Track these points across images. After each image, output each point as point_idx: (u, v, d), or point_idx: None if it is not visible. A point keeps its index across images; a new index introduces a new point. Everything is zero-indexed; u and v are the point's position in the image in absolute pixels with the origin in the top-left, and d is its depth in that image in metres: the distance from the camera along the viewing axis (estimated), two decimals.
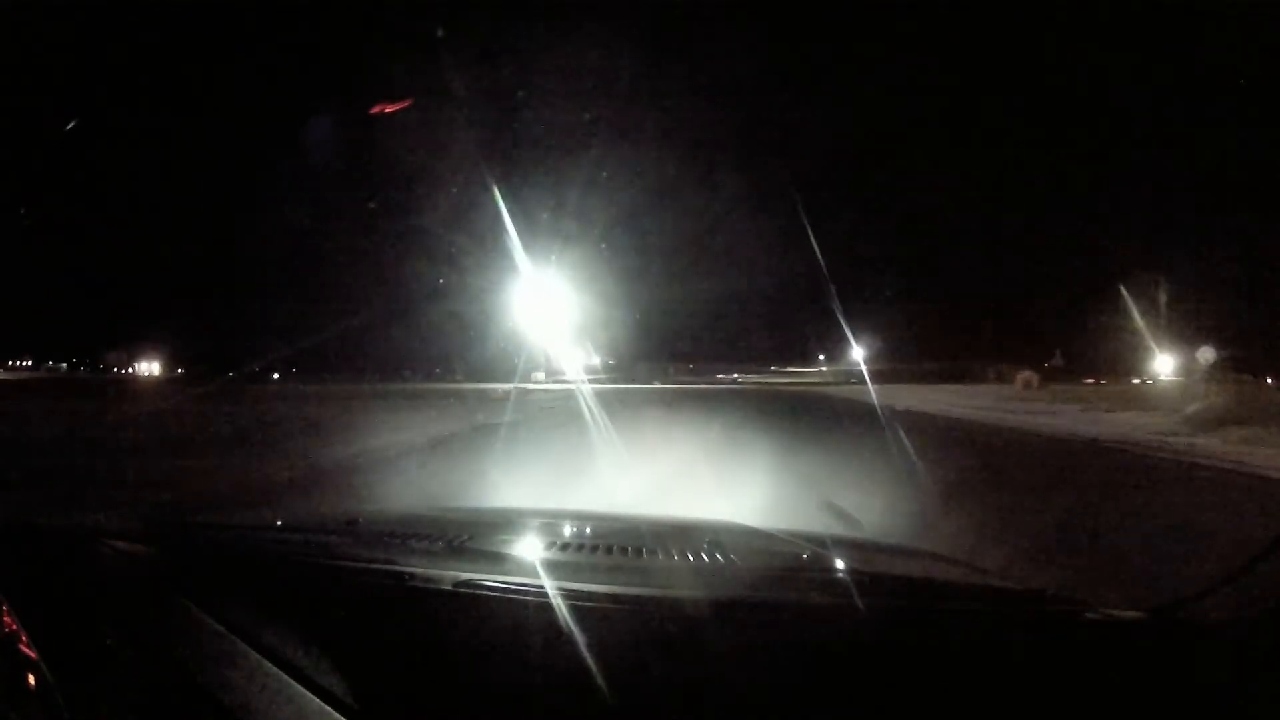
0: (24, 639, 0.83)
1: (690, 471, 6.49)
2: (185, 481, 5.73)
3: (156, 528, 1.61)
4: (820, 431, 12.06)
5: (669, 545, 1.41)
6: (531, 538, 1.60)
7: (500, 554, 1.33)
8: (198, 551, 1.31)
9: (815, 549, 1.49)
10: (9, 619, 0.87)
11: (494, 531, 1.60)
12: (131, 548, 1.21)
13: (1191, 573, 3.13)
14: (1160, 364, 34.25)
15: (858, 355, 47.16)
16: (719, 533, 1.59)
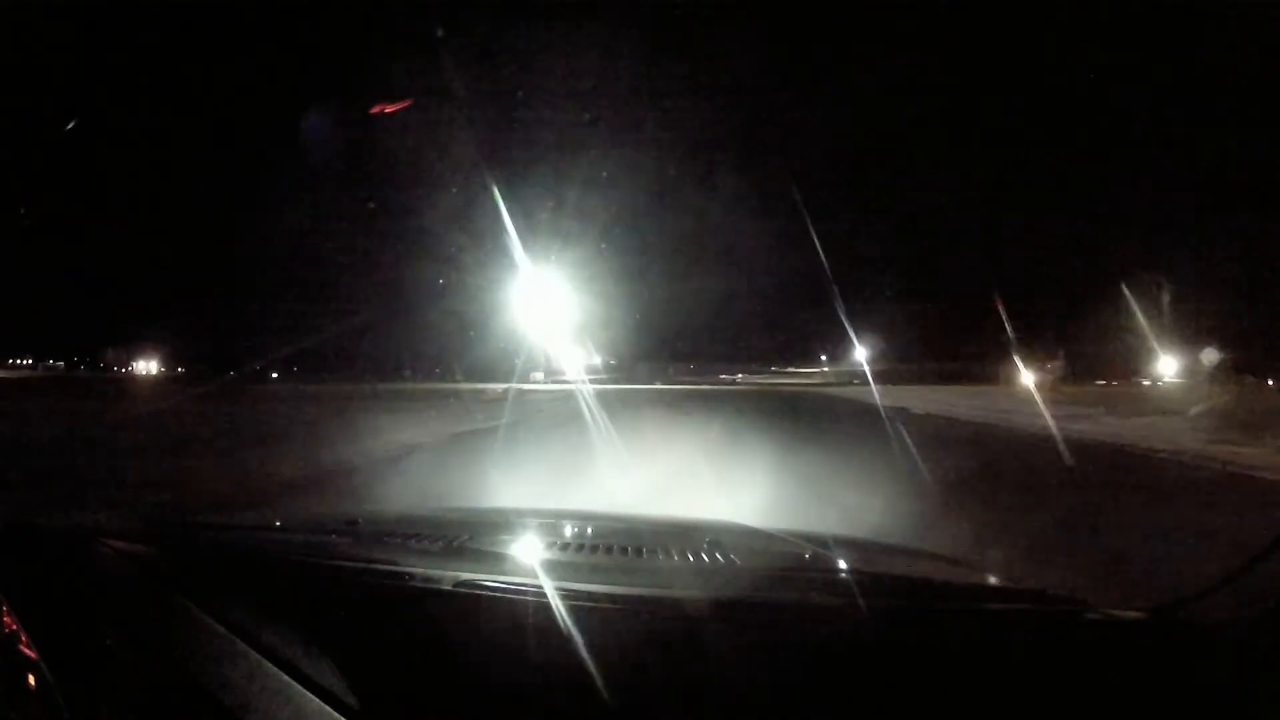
0: (24, 639, 0.83)
1: (690, 472, 6.49)
2: (185, 481, 5.74)
3: (156, 528, 1.60)
4: (833, 452, 9.27)
5: (669, 545, 1.41)
6: (531, 538, 1.60)
7: (500, 554, 1.33)
8: (198, 551, 1.31)
9: (815, 549, 1.49)
10: (9, 619, 0.87)
11: (494, 531, 1.60)
12: (131, 548, 1.21)
13: None
14: (1163, 365, 34.20)
15: (860, 355, 47.26)
16: (719, 533, 1.59)
